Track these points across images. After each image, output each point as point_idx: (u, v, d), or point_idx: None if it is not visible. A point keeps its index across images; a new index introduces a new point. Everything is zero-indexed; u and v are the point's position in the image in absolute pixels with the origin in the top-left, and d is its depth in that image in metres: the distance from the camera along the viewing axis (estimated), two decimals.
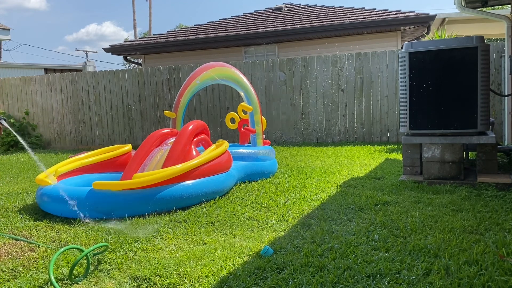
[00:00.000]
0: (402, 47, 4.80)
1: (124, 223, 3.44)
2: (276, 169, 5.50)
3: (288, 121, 9.17)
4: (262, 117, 5.71)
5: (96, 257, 2.68)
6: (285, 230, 3.08)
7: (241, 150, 5.22)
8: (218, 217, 3.47)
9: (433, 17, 9.97)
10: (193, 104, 9.74)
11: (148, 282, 2.32)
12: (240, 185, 4.74)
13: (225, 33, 11.56)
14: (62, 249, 2.45)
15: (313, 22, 11.12)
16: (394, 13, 10.76)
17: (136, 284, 2.31)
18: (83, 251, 2.50)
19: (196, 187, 3.89)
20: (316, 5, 13.77)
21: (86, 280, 2.38)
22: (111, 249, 2.81)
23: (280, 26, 11.26)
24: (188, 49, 12.03)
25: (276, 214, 3.49)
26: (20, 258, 2.75)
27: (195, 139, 4.49)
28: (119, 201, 3.62)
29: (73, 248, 2.63)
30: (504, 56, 6.87)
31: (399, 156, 6.43)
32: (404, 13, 10.55)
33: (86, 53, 27.91)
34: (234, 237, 3.00)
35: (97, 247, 2.57)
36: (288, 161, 6.53)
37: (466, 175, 4.46)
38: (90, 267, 2.53)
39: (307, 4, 14.08)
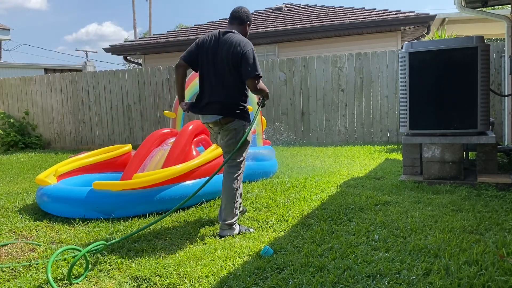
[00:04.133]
0: (402, 47, 4.80)
1: (124, 223, 3.44)
2: (276, 169, 5.50)
3: (288, 121, 9.17)
4: (262, 117, 5.70)
5: (95, 256, 2.68)
6: (285, 230, 3.08)
7: None
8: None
9: (433, 17, 9.97)
10: None
11: (148, 282, 2.32)
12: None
13: None
14: (59, 250, 2.46)
15: (313, 22, 11.12)
16: (394, 13, 10.76)
17: (136, 284, 2.31)
18: (80, 251, 2.50)
19: (196, 187, 3.89)
20: (316, 5, 13.77)
21: (86, 280, 2.38)
22: (111, 249, 2.81)
23: (280, 26, 11.26)
24: None
25: (276, 214, 3.49)
26: (20, 258, 2.75)
27: (195, 139, 4.49)
28: (119, 201, 3.62)
29: (71, 248, 2.63)
30: (504, 56, 6.86)
31: (399, 156, 6.43)
32: (404, 13, 10.55)
33: (86, 53, 27.89)
34: (234, 237, 3.00)
35: (94, 246, 2.57)
36: (288, 161, 6.53)
37: (466, 175, 4.46)
38: (90, 266, 2.53)
39: (307, 4, 14.07)
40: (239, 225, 3.13)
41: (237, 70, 3.01)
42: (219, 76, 3.05)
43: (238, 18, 3.22)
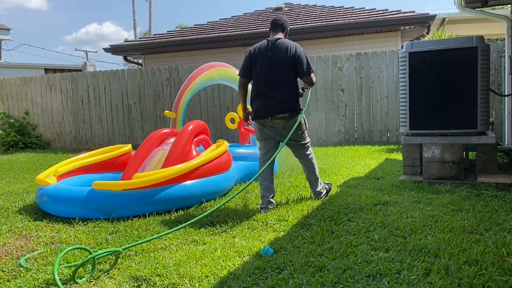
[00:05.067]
0: (402, 47, 4.80)
1: (124, 223, 3.44)
2: (276, 169, 5.49)
3: None
4: None
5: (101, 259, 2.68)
6: (285, 230, 3.08)
7: (241, 150, 5.22)
8: (218, 217, 3.47)
9: (433, 17, 9.97)
10: (193, 104, 9.74)
11: (148, 282, 2.32)
12: (240, 185, 4.74)
13: (225, 33, 11.56)
14: (68, 249, 2.46)
15: (313, 22, 11.12)
16: (394, 13, 10.76)
17: (136, 284, 2.31)
18: (90, 252, 2.50)
19: (196, 187, 3.89)
20: (316, 5, 13.77)
21: (86, 280, 2.38)
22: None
23: None
24: (188, 49, 12.02)
25: (276, 214, 3.49)
26: (20, 258, 2.75)
27: (195, 139, 4.49)
28: (119, 201, 3.62)
29: (80, 248, 2.64)
30: (504, 56, 6.86)
31: (399, 156, 6.43)
32: (404, 13, 10.55)
33: (86, 53, 27.89)
34: (234, 237, 3.00)
35: (109, 252, 2.57)
36: (288, 161, 6.52)
37: (466, 175, 4.46)
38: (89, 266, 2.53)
39: (307, 4, 14.07)
40: (322, 184, 3.96)
41: (294, 71, 3.58)
42: (278, 78, 3.57)
43: (281, 26, 3.77)
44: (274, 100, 3.57)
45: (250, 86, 3.86)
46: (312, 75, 3.64)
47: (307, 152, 3.82)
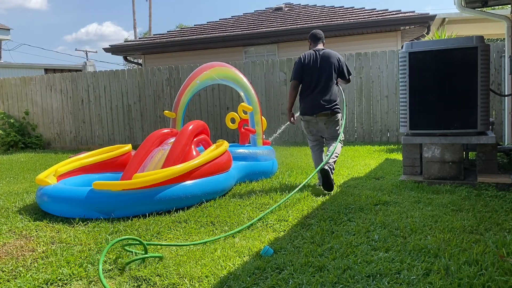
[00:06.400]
0: (402, 47, 4.80)
1: (124, 223, 3.44)
2: (276, 169, 5.50)
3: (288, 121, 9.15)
4: (262, 117, 5.70)
5: (96, 257, 2.68)
6: (285, 230, 3.08)
7: (241, 150, 5.22)
8: (218, 217, 3.47)
9: (433, 17, 9.97)
10: (193, 104, 9.74)
11: (148, 282, 2.32)
12: (240, 185, 4.74)
13: (225, 33, 11.56)
14: (118, 239, 2.63)
15: (313, 22, 11.12)
16: (394, 13, 10.76)
17: (136, 284, 2.31)
18: (144, 246, 2.62)
19: (196, 187, 3.89)
20: (316, 5, 13.77)
21: (86, 280, 2.38)
22: (111, 249, 2.80)
23: (280, 26, 11.26)
24: (188, 49, 12.03)
25: (276, 214, 3.49)
26: (20, 258, 2.75)
27: (195, 139, 4.49)
28: (119, 201, 3.62)
29: (131, 239, 2.76)
30: (504, 56, 6.86)
31: (399, 156, 6.43)
32: (404, 13, 10.55)
33: (86, 53, 27.88)
34: (234, 237, 3.00)
35: (153, 256, 2.64)
36: (288, 161, 6.53)
37: (466, 175, 4.46)
38: (90, 267, 2.53)
39: (307, 4, 14.07)
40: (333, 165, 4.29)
41: (337, 76, 4.40)
42: (326, 83, 4.31)
43: (321, 39, 4.55)
44: (321, 101, 4.28)
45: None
46: (350, 77, 4.50)
47: (338, 144, 4.35)
